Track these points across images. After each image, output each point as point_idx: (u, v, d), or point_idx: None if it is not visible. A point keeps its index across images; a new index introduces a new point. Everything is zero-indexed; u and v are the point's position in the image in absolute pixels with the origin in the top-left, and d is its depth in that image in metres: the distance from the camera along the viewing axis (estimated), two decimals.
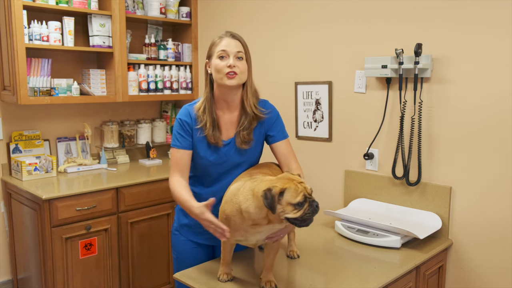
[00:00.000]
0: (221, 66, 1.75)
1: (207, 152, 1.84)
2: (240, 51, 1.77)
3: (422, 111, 2.22)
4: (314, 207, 1.46)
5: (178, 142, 1.83)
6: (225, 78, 1.75)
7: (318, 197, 2.74)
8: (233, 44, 1.77)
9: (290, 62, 2.85)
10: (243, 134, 1.82)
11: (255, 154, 1.90)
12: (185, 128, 1.83)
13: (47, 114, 3.11)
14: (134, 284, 2.92)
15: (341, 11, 2.53)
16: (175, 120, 1.86)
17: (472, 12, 2.03)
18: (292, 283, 1.69)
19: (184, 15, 3.47)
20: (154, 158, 3.42)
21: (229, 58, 1.75)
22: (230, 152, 1.84)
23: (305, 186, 1.47)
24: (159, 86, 3.36)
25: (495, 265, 2.06)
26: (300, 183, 1.47)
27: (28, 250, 2.76)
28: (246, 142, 1.83)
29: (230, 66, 1.74)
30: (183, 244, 1.99)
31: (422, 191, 2.26)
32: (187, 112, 1.85)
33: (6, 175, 2.97)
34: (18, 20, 2.65)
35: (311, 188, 1.50)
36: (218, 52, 1.76)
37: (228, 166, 1.86)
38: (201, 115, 1.82)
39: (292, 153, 1.91)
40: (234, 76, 1.75)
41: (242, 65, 1.77)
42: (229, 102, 1.84)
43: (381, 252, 1.98)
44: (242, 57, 1.78)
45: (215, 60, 1.77)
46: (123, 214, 2.82)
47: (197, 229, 1.95)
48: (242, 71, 1.77)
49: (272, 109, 1.91)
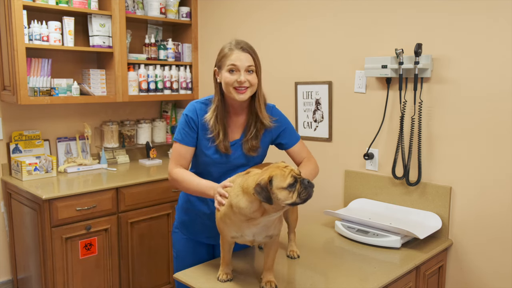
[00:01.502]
0: (231, 81, 1.74)
1: (210, 150, 1.84)
2: (251, 65, 1.75)
3: (422, 111, 2.22)
4: (306, 184, 1.46)
5: (183, 138, 1.83)
6: (234, 92, 1.74)
7: (318, 197, 2.75)
8: (243, 58, 1.74)
9: (290, 62, 2.85)
10: (252, 143, 1.83)
11: (260, 158, 1.92)
12: (191, 125, 1.83)
13: (47, 114, 3.11)
14: (134, 284, 2.92)
15: (341, 11, 2.53)
16: (182, 115, 1.87)
17: (473, 12, 2.03)
18: (292, 283, 1.69)
19: (184, 15, 3.47)
20: (154, 158, 3.42)
21: (239, 72, 1.74)
22: (233, 153, 1.85)
23: (291, 169, 1.47)
24: (159, 86, 3.36)
25: (495, 265, 2.06)
26: (285, 167, 1.48)
27: (28, 250, 2.76)
28: (254, 150, 1.85)
29: (240, 82, 1.73)
30: (183, 242, 2.00)
31: (422, 191, 2.26)
32: (194, 109, 1.85)
33: (6, 175, 2.97)
34: (18, 20, 2.65)
35: (298, 169, 1.51)
36: (228, 66, 1.74)
37: (230, 167, 1.86)
38: (213, 125, 1.80)
39: (306, 150, 1.97)
40: (244, 91, 1.75)
41: (253, 78, 1.76)
42: (236, 108, 1.85)
43: (381, 252, 1.98)
44: (253, 70, 1.77)
45: (225, 73, 1.75)
46: (123, 214, 2.82)
47: (197, 227, 1.95)
48: (252, 84, 1.76)
49: (280, 117, 1.91)
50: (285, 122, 1.93)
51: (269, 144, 1.93)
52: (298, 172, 1.49)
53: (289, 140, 1.93)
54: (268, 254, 1.62)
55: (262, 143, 1.87)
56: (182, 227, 2.00)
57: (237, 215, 1.52)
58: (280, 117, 1.91)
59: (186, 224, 1.98)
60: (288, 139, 1.93)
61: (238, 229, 1.56)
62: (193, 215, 1.95)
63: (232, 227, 1.56)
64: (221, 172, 1.86)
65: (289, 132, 1.94)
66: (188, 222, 1.97)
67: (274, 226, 1.58)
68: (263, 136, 1.87)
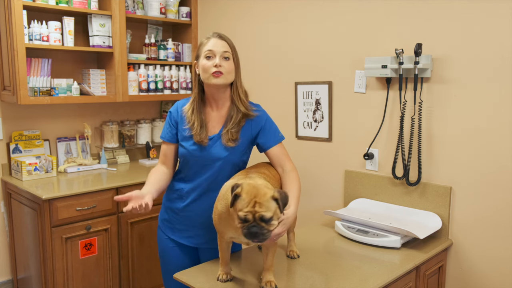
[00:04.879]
0: (208, 66, 1.78)
1: (188, 142, 1.86)
2: (226, 51, 1.80)
3: (422, 111, 2.22)
4: (251, 230, 1.41)
5: (164, 134, 1.94)
6: (211, 77, 1.78)
7: (318, 197, 2.76)
8: (219, 44, 1.80)
9: (290, 62, 2.85)
10: (232, 131, 1.82)
11: (237, 153, 1.86)
12: (171, 121, 1.92)
13: (47, 114, 3.11)
14: (134, 284, 2.92)
15: (341, 11, 2.53)
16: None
17: (473, 12, 2.03)
18: (292, 283, 1.69)
19: (184, 15, 3.47)
20: (154, 158, 3.42)
21: (215, 58, 1.78)
22: (211, 147, 1.84)
23: (257, 202, 1.41)
24: (159, 86, 3.36)
25: (495, 265, 2.06)
26: (264, 194, 1.42)
27: (28, 250, 2.76)
28: (233, 140, 1.82)
29: (216, 66, 1.77)
30: (163, 242, 2.01)
31: (422, 191, 2.26)
32: (176, 106, 1.94)
33: (6, 175, 2.97)
34: (18, 20, 2.65)
35: (262, 215, 1.41)
36: (205, 52, 1.80)
37: (207, 160, 1.85)
38: (190, 116, 1.86)
39: (286, 155, 1.87)
40: (219, 75, 1.78)
41: (229, 65, 1.80)
42: (217, 100, 1.87)
43: (381, 252, 1.98)
44: (228, 57, 1.81)
45: (202, 60, 1.81)
46: (123, 214, 2.82)
47: (176, 225, 1.95)
48: (228, 71, 1.79)
49: (262, 112, 1.89)
50: (266, 120, 1.88)
51: (249, 140, 1.88)
52: (258, 217, 1.41)
53: (266, 140, 1.85)
54: (267, 254, 1.61)
55: (242, 136, 1.84)
56: (162, 225, 2.01)
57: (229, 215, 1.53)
58: (262, 112, 1.88)
59: (165, 221, 2.00)
60: (265, 138, 1.85)
61: (233, 230, 1.56)
62: (172, 214, 1.97)
63: (228, 228, 1.57)
64: (199, 165, 1.86)
65: (269, 131, 1.86)
66: (166, 219, 1.99)
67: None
68: (243, 128, 1.84)
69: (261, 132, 1.87)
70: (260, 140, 1.87)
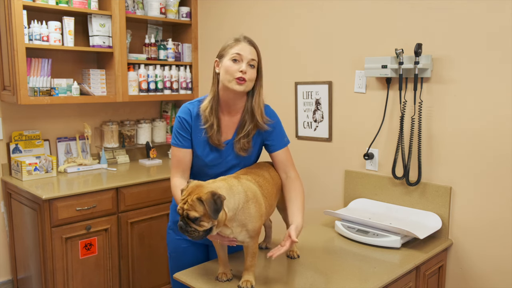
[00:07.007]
0: (233, 70, 1.73)
1: (204, 152, 1.84)
2: (254, 59, 1.76)
3: (422, 111, 2.22)
4: (178, 225, 1.49)
5: (179, 141, 1.84)
6: (234, 82, 1.73)
7: (318, 197, 2.76)
8: (248, 50, 1.75)
9: (290, 62, 2.85)
10: (243, 142, 1.82)
11: (251, 158, 1.90)
12: (185, 127, 1.83)
13: (47, 114, 3.11)
14: (134, 284, 2.92)
15: (341, 11, 2.53)
16: (175, 118, 1.87)
17: (473, 12, 2.03)
18: (292, 283, 1.69)
19: (184, 15, 3.47)
20: (154, 158, 3.42)
21: (242, 63, 1.73)
22: (226, 154, 1.84)
23: (184, 207, 1.46)
24: (159, 86, 3.36)
25: (495, 265, 2.06)
26: (187, 200, 1.47)
27: (28, 250, 2.76)
28: (245, 149, 1.83)
29: (242, 72, 1.72)
30: (176, 242, 1.99)
31: (422, 191, 2.26)
32: (187, 111, 1.85)
33: (6, 175, 2.97)
34: (18, 20, 2.65)
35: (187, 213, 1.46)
36: (232, 54, 1.74)
37: (223, 168, 1.86)
38: (208, 116, 1.80)
39: (291, 161, 1.89)
40: (243, 82, 1.73)
41: (253, 73, 1.76)
42: (230, 106, 1.83)
43: (381, 252, 1.98)
44: (254, 66, 1.77)
45: (227, 61, 1.74)
46: (123, 214, 2.82)
47: None
48: (250, 79, 1.75)
49: (275, 118, 1.89)
50: (277, 124, 1.89)
51: (261, 142, 1.89)
52: (185, 214, 1.46)
53: (276, 142, 1.87)
54: (246, 255, 1.62)
55: (253, 144, 1.85)
56: (175, 227, 1.99)
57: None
58: (275, 118, 1.89)
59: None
60: (275, 141, 1.87)
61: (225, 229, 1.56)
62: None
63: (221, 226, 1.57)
64: (216, 173, 1.85)
65: (278, 134, 1.88)
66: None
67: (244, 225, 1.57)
68: (254, 136, 1.84)
69: (271, 134, 1.87)
70: (269, 142, 1.88)
